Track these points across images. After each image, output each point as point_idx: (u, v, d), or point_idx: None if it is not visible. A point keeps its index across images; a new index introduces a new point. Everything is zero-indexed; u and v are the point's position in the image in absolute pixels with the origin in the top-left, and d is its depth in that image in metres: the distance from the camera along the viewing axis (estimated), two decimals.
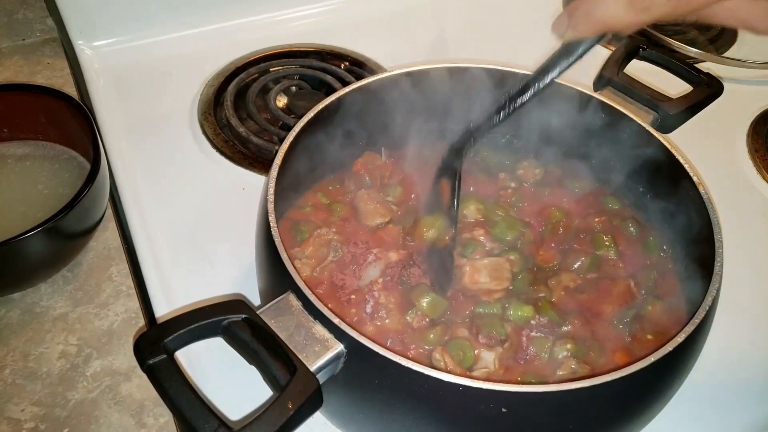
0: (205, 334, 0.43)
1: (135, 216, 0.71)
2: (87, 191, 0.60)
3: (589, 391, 0.42)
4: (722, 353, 0.61)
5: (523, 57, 0.77)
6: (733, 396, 0.61)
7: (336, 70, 0.90)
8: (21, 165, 0.70)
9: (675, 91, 0.67)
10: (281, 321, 0.44)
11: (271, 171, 0.55)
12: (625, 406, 0.47)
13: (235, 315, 0.43)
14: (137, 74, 0.89)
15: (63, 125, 0.69)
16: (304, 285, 0.45)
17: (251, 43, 0.93)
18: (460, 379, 0.41)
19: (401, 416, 0.45)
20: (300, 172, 0.65)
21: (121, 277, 0.67)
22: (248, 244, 0.56)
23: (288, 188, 0.62)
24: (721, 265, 0.49)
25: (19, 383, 0.58)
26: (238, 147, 0.79)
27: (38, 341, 0.61)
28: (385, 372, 0.43)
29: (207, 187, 0.76)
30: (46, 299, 0.64)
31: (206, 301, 0.63)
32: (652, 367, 0.43)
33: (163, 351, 0.41)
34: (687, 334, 0.45)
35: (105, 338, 0.62)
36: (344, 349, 0.44)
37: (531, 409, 0.43)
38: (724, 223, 0.53)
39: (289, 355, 0.42)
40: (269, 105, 0.84)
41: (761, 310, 0.68)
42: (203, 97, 0.85)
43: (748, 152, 0.85)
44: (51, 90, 0.69)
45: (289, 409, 0.39)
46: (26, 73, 0.90)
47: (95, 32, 0.91)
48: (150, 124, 0.83)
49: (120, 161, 0.77)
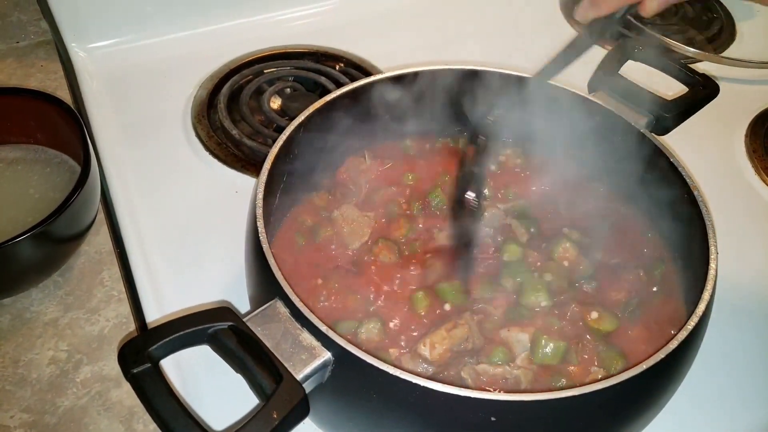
0: (190, 342, 0.43)
1: (127, 220, 0.71)
2: (77, 195, 0.60)
3: (580, 399, 0.41)
4: (720, 355, 0.61)
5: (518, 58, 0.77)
6: (731, 398, 0.60)
7: (330, 72, 0.89)
8: (12, 169, 0.70)
9: (671, 93, 0.66)
10: (268, 328, 0.44)
11: (261, 175, 0.54)
12: (618, 414, 0.46)
13: (221, 323, 0.43)
14: (131, 76, 0.89)
15: (54, 129, 0.69)
16: (291, 292, 0.45)
17: (245, 45, 0.93)
18: (449, 387, 0.41)
19: (390, 425, 0.45)
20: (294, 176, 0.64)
21: (113, 281, 0.66)
22: (241, 248, 0.56)
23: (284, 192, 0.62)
24: (715, 271, 0.49)
25: (9, 389, 0.58)
26: (231, 149, 0.79)
27: (28, 347, 0.61)
28: (374, 380, 0.42)
29: (200, 190, 0.75)
30: (36, 304, 0.64)
31: (197, 307, 0.63)
32: (644, 374, 0.43)
33: (147, 360, 0.41)
34: (680, 340, 0.44)
35: (95, 344, 0.61)
36: (332, 357, 0.43)
37: (521, 418, 0.42)
38: (722, 224, 0.52)
39: (275, 363, 0.41)
40: (263, 107, 0.83)
41: (759, 312, 0.67)
42: (196, 99, 0.85)
43: (746, 152, 0.84)
44: (42, 94, 0.69)
45: (274, 418, 0.39)
46: (20, 75, 0.90)
47: (89, 35, 0.90)
48: (143, 127, 0.82)
49: (113, 164, 0.76)
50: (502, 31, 1.01)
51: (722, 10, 1.10)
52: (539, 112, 0.65)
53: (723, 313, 0.52)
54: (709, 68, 0.94)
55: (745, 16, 1.09)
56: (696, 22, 1.07)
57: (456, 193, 0.61)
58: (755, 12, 1.11)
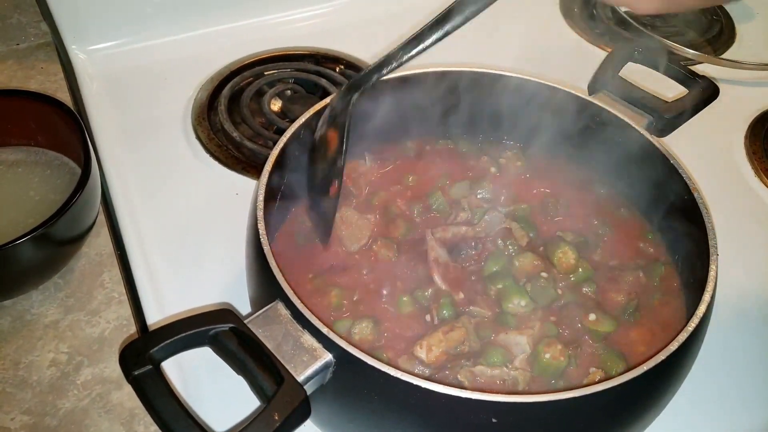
0: (191, 344, 0.43)
1: (127, 222, 0.71)
2: (77, 197, 0.60)
3: (581, 401, 0.41)
4: (720, 357, 0.61)
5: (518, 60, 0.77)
6: (731, 399, 0.60)
7: (331, 74, 0.89)
8: (13, 171, 0.70)
9: (671, 95, 0.67)
10: (269, 330, 0.44)
11: (261, 177, 0.54)
12: (619, 415, 0.46)
13: (222, 325, 0.43)
14: (131, 78, 0.89)
15: (55, 131, 0.69)
16: (292, 294, 0.45)
17: (245, 47, 0.93)
18: (451, 389, 0.41)
19: (391, 426, 0.45)
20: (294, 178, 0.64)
21: (113, 283, 0.66)
22: (241, 249, 0.56)
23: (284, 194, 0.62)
24: (715, 273, 0.49)
25: (9, 391, 0.58)
26: (231, 152, 0.79)
27: (29, 349, 0.61)
28: (375, 382, 0.42)
29: (200, 192, 0.75)
30: (37, 306, 0.64)
31: (198, 309, 0.63)
32: (645, 376, 0.43)
33: (148, 362, 0.41)
34: (680, 342, 0.44)
35: (96, 346, 0.61)
36: (333, 359, 0.43)
37: (522, 419, 0.42)
38: (722, 226, 0.52)
39: (276, 365, 0.41)
40: (263, 109, 0.83)
41: (759, 314, 0.68)
42: (197, 101, 0.85)
43: (746, 154, 0.84)
44: (42, 96, 0.69)
45: (276, 420, 0.39)
46: (20, 77, 0.90)
47: (89, 36, 0.90)
48: (143, 129, 0.82)
49: (113, 166, 0.76)
50: (502, 33, 1.01)
51: (722, 12, 1.10)
52: (540, 114, 0.66)
53: (723, 315, 0.52)
54: (708, 70, 0.94)
55: (744, 18, 1.09)
56: (696, 24, 1.07)
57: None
58: (755, 14, 1.11)
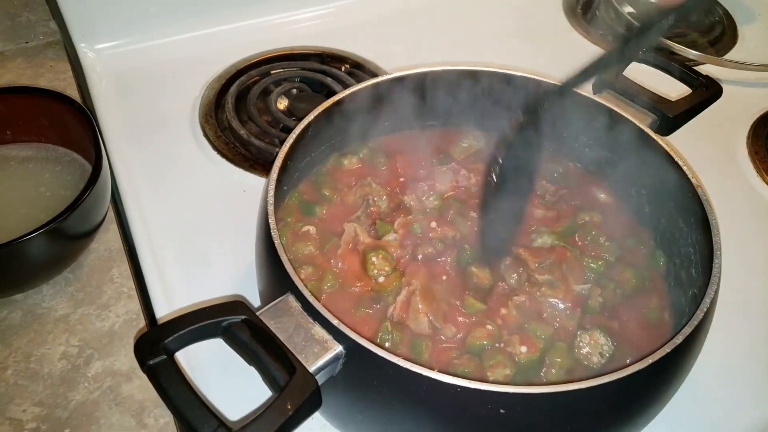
0: (205, 335, 0.44)
1: (136, 218, 0.72)
2: (89, 193, 0.61)
3: (587, 392, 0.42)
4: (722, 354, 0.61)
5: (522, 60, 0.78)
6: (732, 396, 0.61)
7: (336, 73, 0.90)
8: (24, 167, 0.70)
9: (674, 94, 0.67)
10: (280, 322, 0.45)
11: (271, 173, 0.55)
12: (624, 408, 0.47)
13: (234, 316, 0.44)
14: (139, 77, 0.90)
15: (65, 128, 0.70)
16: (303, 287, 0.46)
17: (252, 46, 0.94)
18: (459, 380, 0.41)
19: (400, 417, 0.46)
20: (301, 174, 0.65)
21: (122, 278, 0.67)
22: (248, 245, 0.57)
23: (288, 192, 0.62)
24: (720, 267, 0.49)
25: (21, 384, 0.58)
26: (239, 149, 0.80)
27: (40, 342, 0.61)
28: (384, 373, 0.43)
29: (208, 189, 0.76)
30: (47, 300, 0.65)
31: (207, 302, 0.63)
32: (650, 369, 0.43)
33: (163, 352, 0.41)
34: (685, 335, 0.45)
35: (106, 339, 0.62)
36: (343, 351, 0.44)
37: (529, 410, 0.43)
38: (724, 225, 0.53)
39: (288, 356, 0.42)
40: (270, 107, 0.84)
41: (761, 312, 0.68)
42: (204, 99, 0.86)
43: (748, 154, 0.85)
44: (53, 93, 0.70)
45: (288, 409, 0.39)
46: (29, 75, 0.90)
47: (97, 35, 0.91)
48: (151, 127, 0.83)
49: (122, 163, 0.77)
50: (507, 34, 1.02)
51: (724, 13, 1.11)
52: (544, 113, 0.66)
53: (725, 313, 0.53)
54: (711, 71, 0.94)
55: (746, 20, 1.10)
56: (698, 25, 1.08)
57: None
58: (757, 15, 1.12)
